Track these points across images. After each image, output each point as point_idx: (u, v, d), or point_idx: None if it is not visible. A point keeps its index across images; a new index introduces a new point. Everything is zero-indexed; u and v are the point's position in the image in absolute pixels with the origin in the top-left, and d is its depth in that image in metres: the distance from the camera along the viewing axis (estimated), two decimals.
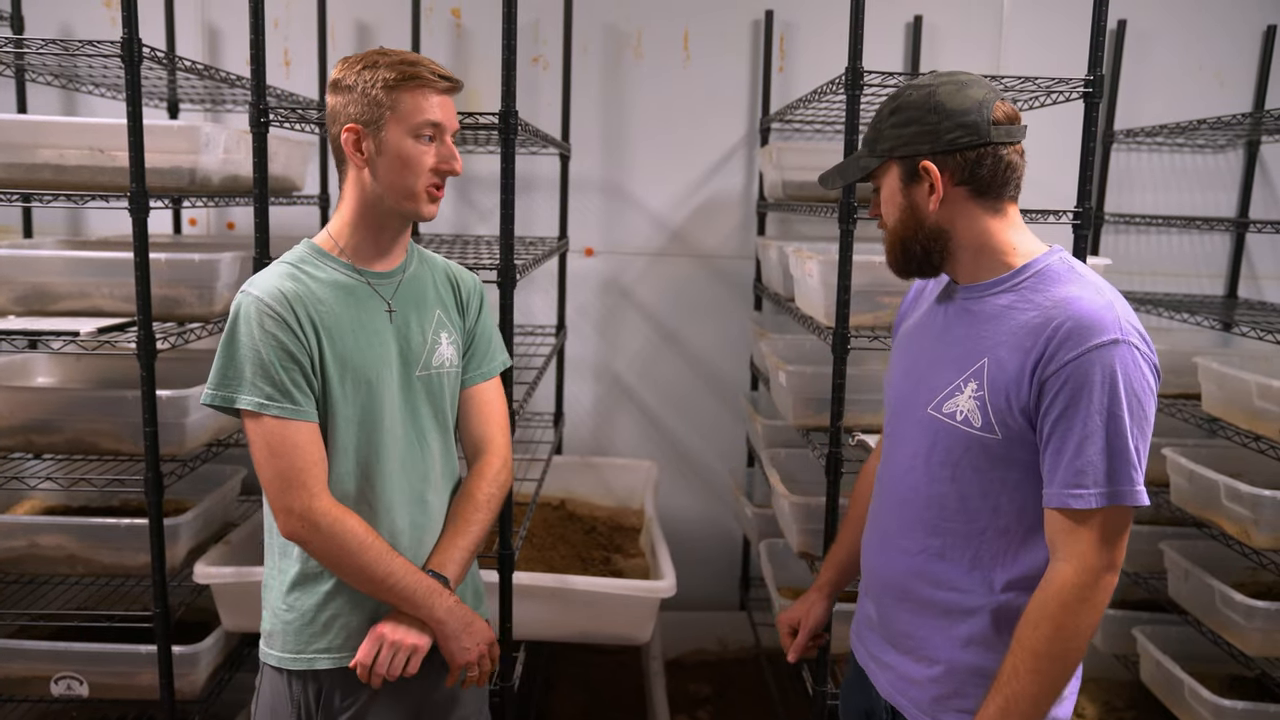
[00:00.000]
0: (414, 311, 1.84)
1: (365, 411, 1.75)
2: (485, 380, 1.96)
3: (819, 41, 3.76)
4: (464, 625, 1.77)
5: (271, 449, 1.68)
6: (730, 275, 3.91)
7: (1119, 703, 3.39)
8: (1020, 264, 1.61)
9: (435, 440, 1.86)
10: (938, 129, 1.58)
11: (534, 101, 3.77)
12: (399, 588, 1.72)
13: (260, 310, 1.67)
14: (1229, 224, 3.51)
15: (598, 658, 3.80)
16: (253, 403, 1.67)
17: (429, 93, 1.71)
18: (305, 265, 1.77)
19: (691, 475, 4.01)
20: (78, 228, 3.76)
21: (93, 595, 2.93)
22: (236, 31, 3.70)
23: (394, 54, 1.72)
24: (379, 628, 1.73)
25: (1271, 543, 2.64)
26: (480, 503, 1.88)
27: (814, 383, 2.82)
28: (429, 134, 1.72)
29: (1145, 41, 3.72)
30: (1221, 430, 2.82)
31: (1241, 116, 3.01)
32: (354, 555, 1.69)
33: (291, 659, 1.78)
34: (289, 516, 1.68)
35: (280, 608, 1.80)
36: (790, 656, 2.05)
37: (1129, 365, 1.47)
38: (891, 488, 1.75)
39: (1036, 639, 1.50)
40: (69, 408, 2.66)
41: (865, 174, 1.68)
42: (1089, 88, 2.36)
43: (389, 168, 1.72)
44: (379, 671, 1.71)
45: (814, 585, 2.08)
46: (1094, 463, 1.47)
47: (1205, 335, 3.56)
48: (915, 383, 1.70)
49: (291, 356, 1.68)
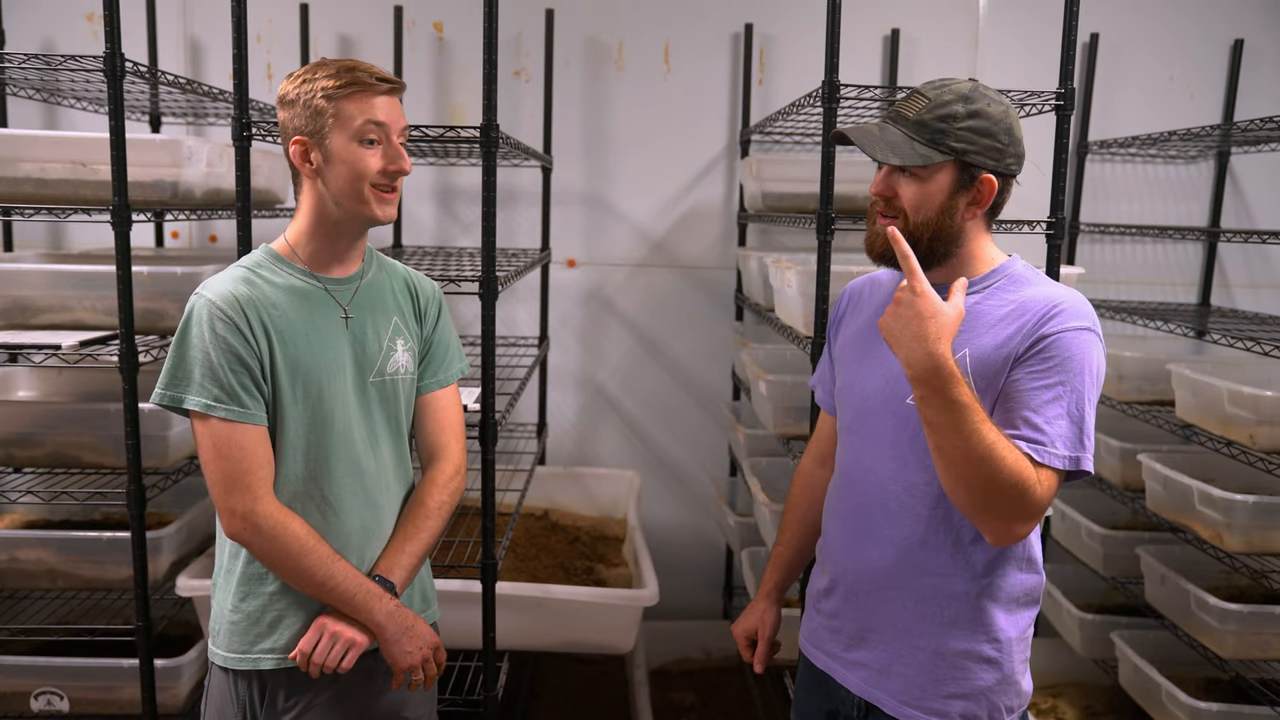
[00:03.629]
0: (370, 317, 1.85)
1: (316, 415, 1.77)
2: (441, 388, 1.97)
3: (798, 54, 3.80)
4: (404, 629, 1.78)
5: (217, 450, 1.70)
6: (711, 286, 3.93)
7: (1099, 707, 3.42)
8: (986, 270, 1.71)
9: (388, 446, 1.88)
10: (1004, 151, 1.65)
11: (516, 114, 3.79)
12: (339, 591, 1.74)
13: (212, 313, 1.70)
14: (1201, 233, 3.56)
15: (582, 667, 3.80)
16: (200, 403, 1.69)
17: (368, 96, 1.73)
18: (261, 270, 1.79)
19: (674, 484, 4.03)
20: (58, 241, 3.75)
21: (74, 609, 2.92)
22: (218, 45, 3.71)
23: (332, 63, 1.75)
24: (322, 619, 1.76)
25: (1244, 546, 2.68)
26: (431, 510, 1.89)
27: (794, 392, 2.85)
28: (372, 136, 1.74)
29: (1118, 54, 3.78)
30: (1195, 436, 2.86)
31: (1211, 128, 3.06)
32: (295, 558, 1.72)
33: (237, 659, 1.80)
34: (231, 517, 1.71)
35: (227, 608, 1.82)
36: (758, 668, 2.07)
37: (1096, 350, 1.61)
38: (863, 482, 1.78)
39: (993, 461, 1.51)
40: (50, 421, 2.65)
41: (924, 164, 1.63)
42: (1060, 100, 2.40)
43: (337, 175, 1.74)
44: (316, 661, 1.73)
45: (761, 592, 2.11)
46: (1057, 423, 1.56)
47: (1179, 343, 3.61)
48: (888, 378, 1.73)
49: (240, 360, 1.70)
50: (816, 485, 2.03)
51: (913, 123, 1.65)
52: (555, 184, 3.81)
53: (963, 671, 1.70)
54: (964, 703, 1.70)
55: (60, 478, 2.79)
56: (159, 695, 2.55)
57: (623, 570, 3.25)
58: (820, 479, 2.03)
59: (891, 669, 1.74)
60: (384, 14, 3.70)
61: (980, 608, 1.69)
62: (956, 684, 1.70)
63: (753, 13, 3.76)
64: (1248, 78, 3.78)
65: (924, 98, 1.66)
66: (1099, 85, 3.78)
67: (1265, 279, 3.92)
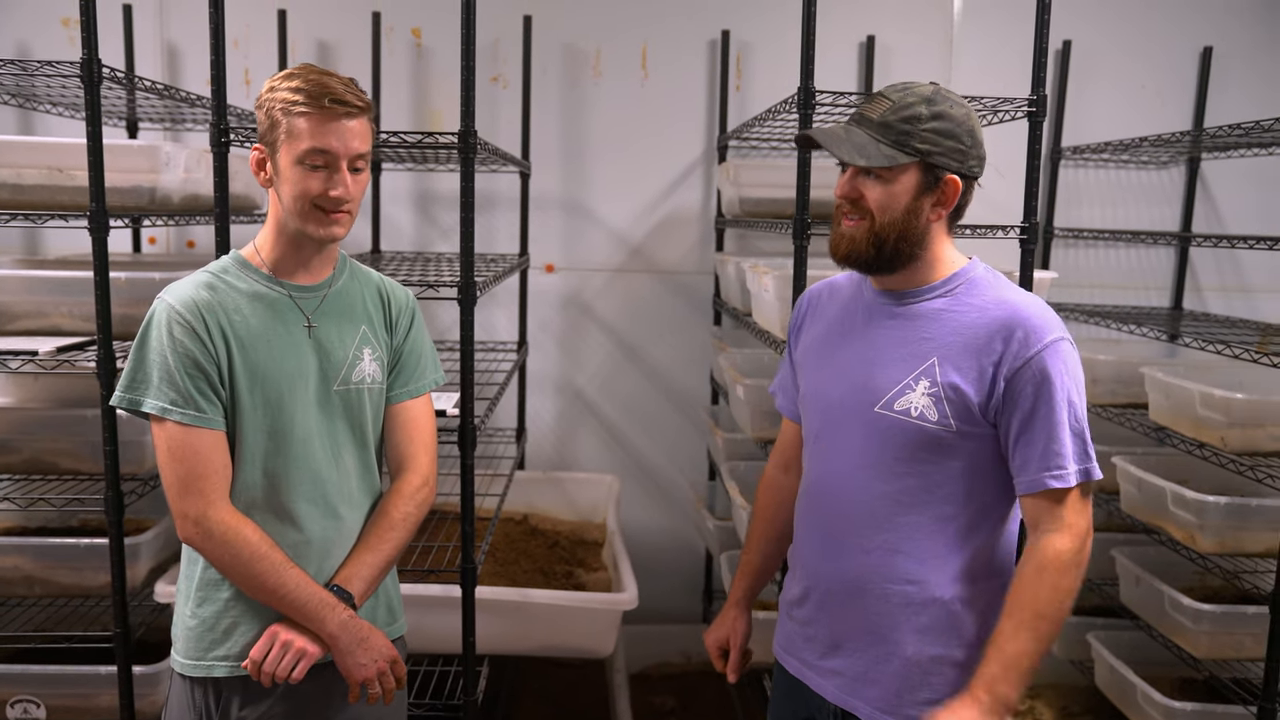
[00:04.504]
0: (336, 326, 1.84)
1: (275, 422, 1.77)
2: (412, 398, 1.96)
3: (774, 61, 3.82)
4: (358, 641, 1.76)
5: (173, 453, 1.70)
6: (690, 290, 3.95)
7: (1075, 708, 3.46)
8: (949, 273, 1.73)
9: (351, 455, 1.87)
10: (968, 153, 1.67)
11: (494, 120, 3.79)
12: (291, 599, 1.73)
13: (170, 317, 1.70)
14: (1173, 238, 3.61)
15: (562, 671, 3.80)
16: (157, 407, 1.70)
17: (324, 119, 1.69)
18: (227, 275, 1.79)
19: (653, 489, 4.04)
20: (34, 247, 3.73)
21: (51, 616, 2.90)
22: (196, 50, 3.70)
23: (302, 74, 1.71)
24: (275, 627, 1.75)
25: (1216, 547, 2.71)
26: (395, 521, 1.88)
27: (772, 396, 2.86)
28: (316, 162, 1.70)
29: (1090, 61, 3.83)
30: (1169, 438, 2.89)
31: (1182, 134, 3.11)
32: (246, 564, 1.71)
33: (192, 665, 1.79)
34: (184, 521, 1.71)
35: (185, 613, 1.81)
36: (731, 677, 2.07)
37: (1072, 358, 1.65)
38: (834, 491, 1.79)
39: (1039, 601, 1.61)
40: (27, 427, 2.64)
41: (889, 165, 1.64)
42: (1032, 107, 2.43)
43: (283, 191, 1.74)
44: (266, 670, 1.71)
45: (731, 600, 2.11)
46: (1066, 445, 1.62)
47: (1152, 346, 3.65)
48: (854, 386, 1.74)
49: (198, 364, 1.70)
50: (783, 491, 2.04)
51: (877, 124, 1.67)
52: (533, 189, 3.82)
53: (937, 677, 1.71)
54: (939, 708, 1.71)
55: (37, 484, 2.77)
56: (137, 702, 2.53)
57: (602, 574, 3.26)
58: (786, 485, 2.03)
59: (867, 676, 1.76)
60: (362, 19, 3.71)
61: (953, 614, 1.70)
62: (931, 690, 1.71)
63: (729, 19, 3.78)
64: (1217, 84, 3.84)
65: (887, 100, 1.68)
66: (1072, 91, 3.82)
67: (1235, 283, 3.97)
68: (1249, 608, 2.76)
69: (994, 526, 1.73)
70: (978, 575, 1.71)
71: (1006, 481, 1.69)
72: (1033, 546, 1.64)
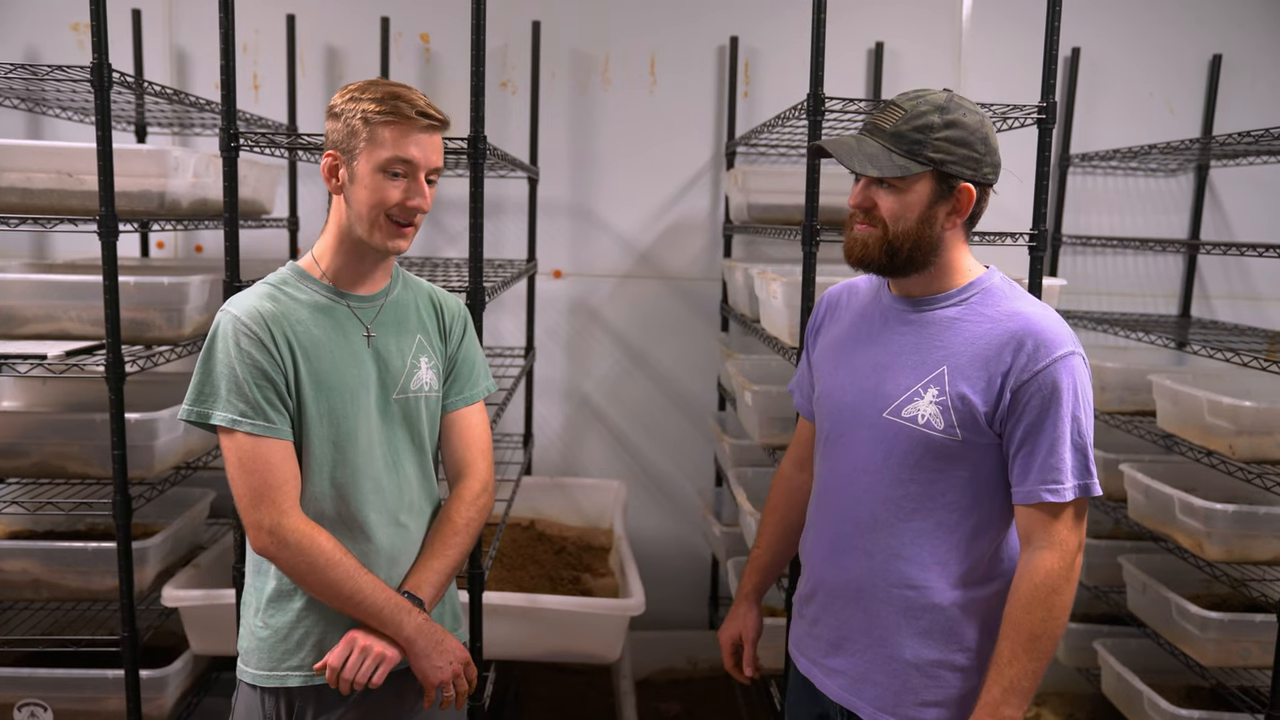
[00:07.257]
0: (394, 335, 1.85)
1: (340, 432, 1.77)
2: (467, 405, 1.97)
3: (783, 67, 3.83)
4: (434, 644, 1.77)
5: (244, 465, 1.70)
6: (697, 297, 3.95)
7: (1081, 715, 3.45)
8: (965, 282, 1.73)
9: (411, 463, 1.88)
10: (981, 161, 1.67)
11: (503, 125, 3.80)
12: (366, 604, 1.73)
13: (237, 329, 1.70)
14: (1181, 245, 3.60)
15: (568, 677, 3.80)
16: (226, 419, 1.69)
17: (407, 129, 1.71)
18: (287, 286, 1.79)
19: (660, 495, 4.03)
20: (43, 251, 3.74)
21: (59, 620, 2.91)
22: (204, 55, 3.71)
23: (384, 87, 1.73)
24: (353, 633, 1.75)
25: (1224, 555, 2.71)
26: (459, 526, 1.89)
27: (779, 402, 2.87)
28: (399, 170, 1.72)
29: (1099, 69, 3.82)
30: (1176, 446, 2.89)
31: (1190, 142, 3.10)
32: (322, 571, 1.70)
33: (265, 675, 1.79)
34: (258, 532, 1.70)
35: (256, 624, 1.81)
36: (747, 671, 2.08)
37: (1082, 373, 1.65)
38: (841, 493, 1.80)
39: (1033, 622, 1.62)
40: (36, 431, 2.65)
41: (903, 175, 1.65)
42: (1042, 114, 2.43)
43: (358, 198, 1.74)
44: (346, 676, 1.71)
45: (740, 595, 2.12)
46: (1065, 460, 1.62)
47: (1160, 354, 3.64)
48: (865, 391, 1.75)
49: (265, 375, 1.70)
50: (795, 489, 2.06)
51: (889, 134, 1.67)
52: (541, 195, 3.82)
53: (936, 680, 1.73)
54: (937, 710, 1.73)
55: (45, 488, 2.78)
56: (144, 706, 2.54)
57: (609, 580, 3.26)
58: (799, 483, 2.05)
59: (868, 676, 1.77)
60: (371, 25, 3.71)
61: (954, 619, 1.71)
62: (930, 692, 1.73)
63: (738, 26, 3.79)
64: (1226, 92, 3.83)
65: (900, 109, 1.67)
66: (1081, 99, 3.82)
67: (1244, 291, 3.97)
68: (1256, 616, 2.75)
69: (996, 535, 1.73)
70: (978, 582, 1.72)
71: (1010, 491, 1.69)
72: (1024, 564, 1.65)
